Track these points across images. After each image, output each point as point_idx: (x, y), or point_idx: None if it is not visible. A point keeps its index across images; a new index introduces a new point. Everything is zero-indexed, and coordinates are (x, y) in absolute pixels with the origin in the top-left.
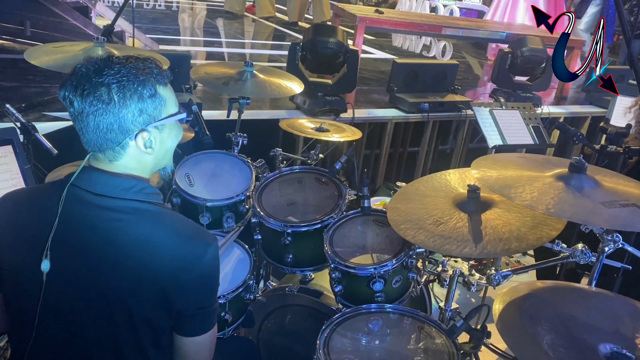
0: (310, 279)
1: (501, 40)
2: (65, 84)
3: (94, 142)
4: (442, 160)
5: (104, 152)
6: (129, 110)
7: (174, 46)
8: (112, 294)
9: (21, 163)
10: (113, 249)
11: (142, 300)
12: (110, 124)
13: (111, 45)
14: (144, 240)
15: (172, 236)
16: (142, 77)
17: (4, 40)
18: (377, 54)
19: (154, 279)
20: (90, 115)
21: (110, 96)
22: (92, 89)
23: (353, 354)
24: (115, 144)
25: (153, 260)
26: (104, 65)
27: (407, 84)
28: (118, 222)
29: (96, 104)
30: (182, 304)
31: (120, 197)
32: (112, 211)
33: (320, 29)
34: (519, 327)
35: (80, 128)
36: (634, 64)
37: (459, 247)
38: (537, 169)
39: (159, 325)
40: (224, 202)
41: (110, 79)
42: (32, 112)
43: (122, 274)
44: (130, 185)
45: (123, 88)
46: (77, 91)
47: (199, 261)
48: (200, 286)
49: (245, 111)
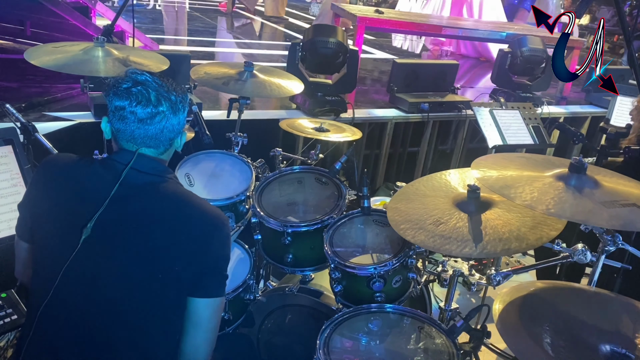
0: (310, 279)
1: (501, 40)
2: (130, 89)
3: (153, 138)
4: (442, 160)
5: (158, 146)
6: (181, 118)
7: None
8: (148, 250)
9: (21, 163)
10: (153, 205)
11: (176, 254)
12: (172, 125)
13: (111, 46)
14: (181, 199)
15: (202, 202)
16: (186, 96)
17: (4, 40)
18: (377, 54)
19: (188, 233)
20: (158, 115)
21: (177, 106)
22: (166, 96)
23: (353, 354)
24: (170, 141)
25: (188, 216)
26: (159, 80)
27: (407, 84)
28: (158, 185)
29: (169, 108)
30: (208, 261)
31: (161, 175)
32: (153, 182)
33: (320, 29)
34: (519, 327)
35: (138, 126)
36: (634, 64)
37: (459, 247)
38: (537, 169)
39: (185, 284)
40: (224, 202)
41: (175, 93)
42: (32, 112)
43: (161, 228)
44: (166, 170)
45: (182, 101)
46: (150, 95)
47: (223, 226)
48: (223, 247)
49: (245, 111)
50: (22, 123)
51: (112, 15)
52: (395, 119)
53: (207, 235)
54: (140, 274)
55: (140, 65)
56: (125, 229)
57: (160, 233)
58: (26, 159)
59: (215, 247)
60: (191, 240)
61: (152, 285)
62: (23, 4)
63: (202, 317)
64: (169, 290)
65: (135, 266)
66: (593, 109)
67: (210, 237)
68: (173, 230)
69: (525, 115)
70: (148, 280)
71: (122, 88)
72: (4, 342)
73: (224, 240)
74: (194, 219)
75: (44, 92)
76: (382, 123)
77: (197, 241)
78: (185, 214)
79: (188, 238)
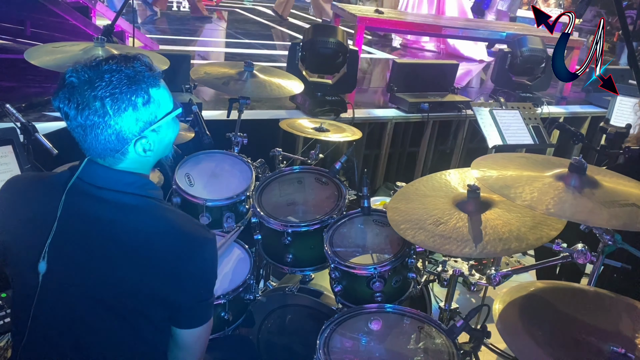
0: (310, 279)
1: (501, 41)
2: (57, 96)
3: (94, 151)
4: (442, 160)
5: (104, 158)
6: (125, 121)
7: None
8: (112, 286)
9: (21, 163)
10: (113, 243)
11: (140, 293)
12: (108, 135)
13: (111, 46)
14: (144, 235)
15: (171, 231)
16: (134, 85)
17: (4, 40)
18: (377, 54)
19: (153, 272)
20: (87, 128)
21: (105, 110)
22: (86, 103)
23: (353, 354)
24: (115, 152)
25: (152, 255)
26: (94, 76)
27: (407, 84)
28: (119, 216)
29: (92, 119)
30: (180, 297)
31: (123, 191)
32: (113, 205)
33: (320, 29)
34: (519, 327)
35: (78, 138)
36: (634, 64)
37: (459, 247)
38: (537, 169)
39: (155, 318)
40: (224, 202)
41: (102, 92)
42: (32, 112)
43: (122, 267)
44: (131, 180)
45: (117, 101)
46: (71, 104)
47: (197, 256)
48: (198, 280)
49: (245, 111)
50: (22, 123)
51: (112, 15)
52: (395, 119)
53: (174, 273)
54: (103, 303)
55: None
56: (81, 260)
57: (118, 275)
58: (26, 159)
59: (188, 282)
60: (157, 283)
61: (116, 317)
62: (23, 4)
63: (186, 342)
64: (143, 327)
65: (98, 299)
66: (593, 109)
67: (180, 275)
68: (131, 271)
69: (525, 115)
70: (112, 310)
71: (58, 94)
72: (4, 342)
73: (202, 269)
74: (156, 259)
75: (44, 92)
76: (382, 123)
77: (165, 283)
78: (145, 255)
79: (154, 281)
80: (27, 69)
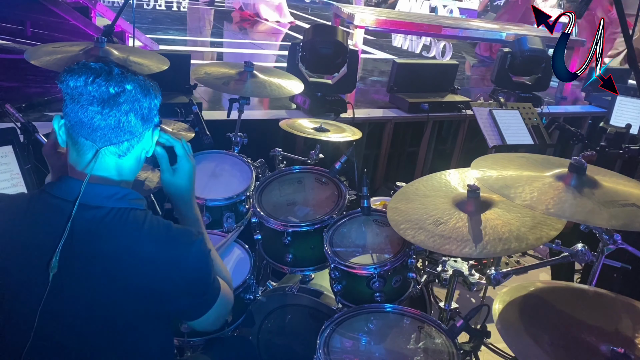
0: (310, 279)
1: (501, 41)
2: (88, 69)
3: (115, 131)
4: (441, 160)
5: (120, 144)
6: (154, 105)
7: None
8: (102, 305)
9: (21, 163)
10: (98, 261)
11: (130, 308)
12: (141, 109)
13: (111, 46)
14: (126, 252)
15: (151, 244)
16: None
17: (4, 40)
18: (377, 54)
19: (141, 287)
20: (123, 95)
21: (147, 89)
22: (132, 76)
23: (353, 354)
24: (131, 138)
25: (137, 271)
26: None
27: (407, 84)
28: (101, 233)
29: (134, 89)
30: (176, 304)
31: (102, 206)
32: (92, 223)
33: (320, 29)
34: (519, 327)
35: (100, 114)
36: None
37: (459, 247)
38: (537, 169)
39: (147, 328)
40: (224, 202)
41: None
42: (32, 112)
43: (110, 285)
44: (112, 192)
45: (153, 94)
46: (111, 72)
47: (182, 264)
48: (190, 286)
49: (245, 111)
50: (23, 123)
51: (112, 15)
52: (395, 119)
53: (163, 286)
54: (95, 319)
55: (140, 65)
56: (68, 279)
57: (106, 293)
58: (26, 159)
59: (180, 291)
60: (148, 297)
61: (111, 331)
62: (23, 4)
63: (205, 322)
64: (144, 341)
65: (90, 316)
66: (593, 109)
67: (169, 286)
68: (119, 289)
69: (525, 115)
70: (105, 324)
71: (79, 64)
72: None
73: (192, 274)
74: (141, 275)
75: (44, 92)
76: (382, 123)
77: (155, 296)
78: (130, 272)
79: (143, 296)
80: (28, 69)
